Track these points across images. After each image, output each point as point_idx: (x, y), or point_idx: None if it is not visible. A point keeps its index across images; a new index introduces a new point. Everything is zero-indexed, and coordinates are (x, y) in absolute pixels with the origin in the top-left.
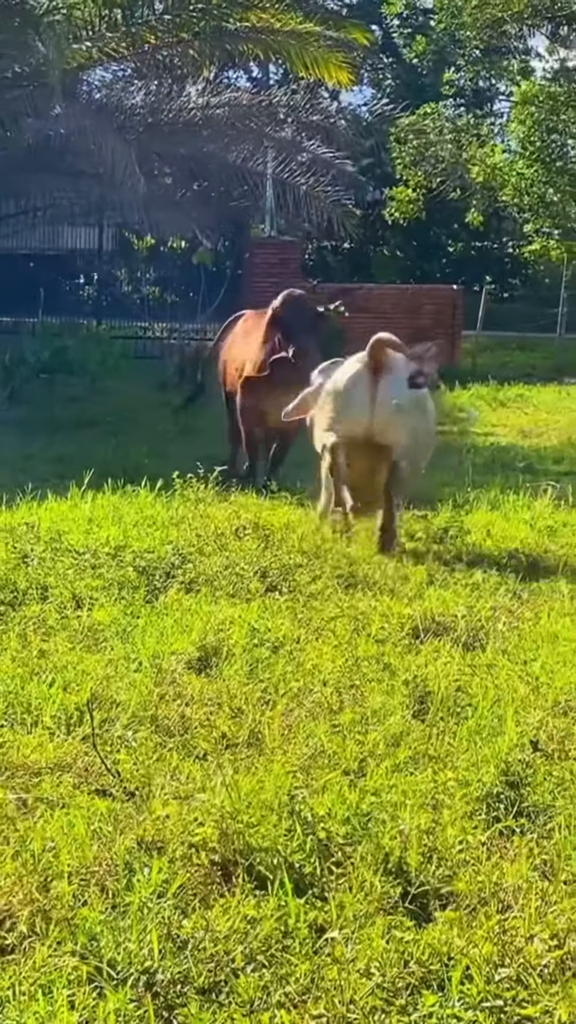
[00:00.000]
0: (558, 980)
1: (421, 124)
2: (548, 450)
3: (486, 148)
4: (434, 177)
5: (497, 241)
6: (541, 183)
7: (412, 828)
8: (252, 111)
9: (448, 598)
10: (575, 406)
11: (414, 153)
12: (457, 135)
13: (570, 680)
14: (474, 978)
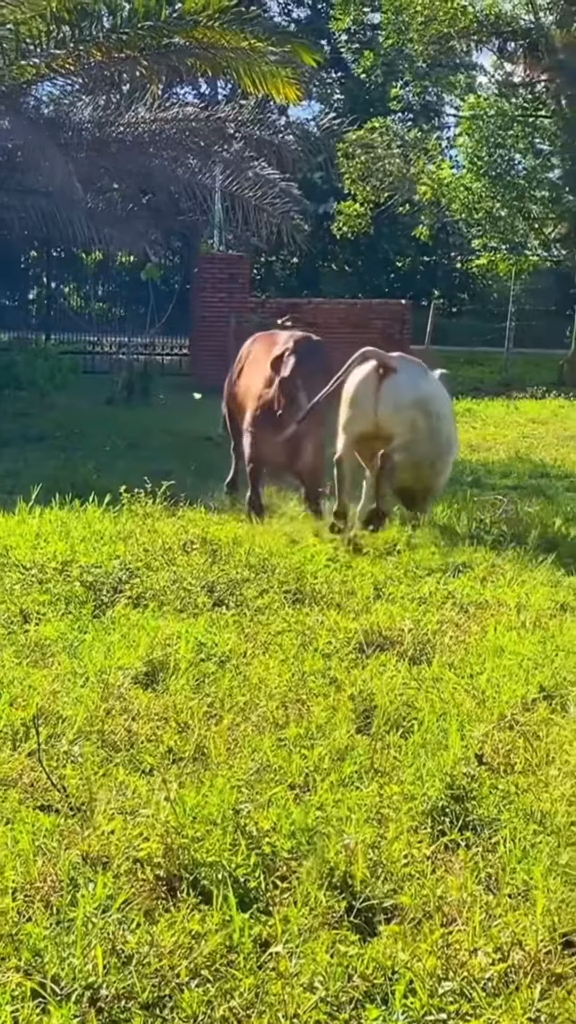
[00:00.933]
0: (501, 993)
1: (369, 139)
2: (496, 464)
3: (434, 163)
4: (382, 191)
5: (445, 255)
6: (488, 198)
7: (357, 842)
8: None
9: (395, 612)
10: (523, 420)
11: (362, 168)
12: (405, 150)
13: (516, 693)
14: (418, 992)
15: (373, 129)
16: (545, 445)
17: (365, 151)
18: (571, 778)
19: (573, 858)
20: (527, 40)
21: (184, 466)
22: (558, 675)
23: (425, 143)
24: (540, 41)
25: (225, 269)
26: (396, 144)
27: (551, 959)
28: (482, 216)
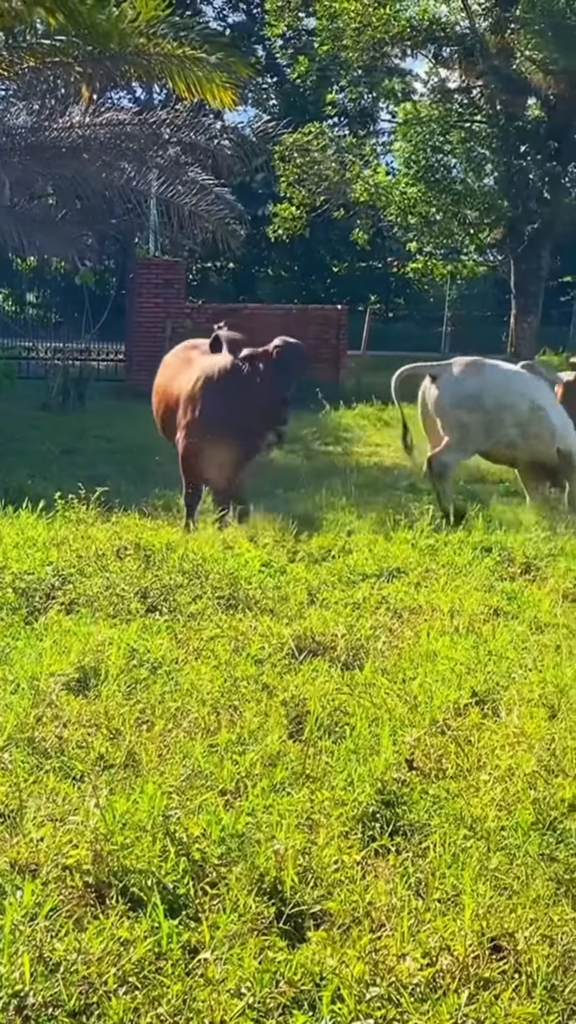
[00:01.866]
0: (429, 999)
1: (304, 143)
2: None
3: (370, 167)
4: (318, 195)
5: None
6: (424, 203)
7: (287, 848)
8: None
9: (328, 617)
10: None
11: (298, 171)
12: (340, 154)
13: (448, 698)
14: (345, 998)
15: (309, 133)
16: None
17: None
18: (502, 783)
19: (502, 863)
20: (462, 46)
21: (119, 472)
22: (490, 680)
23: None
24: (475, 47)
25: (161, 275)
26: (331, 149)
27: (479, 964)
28: (418, 221)
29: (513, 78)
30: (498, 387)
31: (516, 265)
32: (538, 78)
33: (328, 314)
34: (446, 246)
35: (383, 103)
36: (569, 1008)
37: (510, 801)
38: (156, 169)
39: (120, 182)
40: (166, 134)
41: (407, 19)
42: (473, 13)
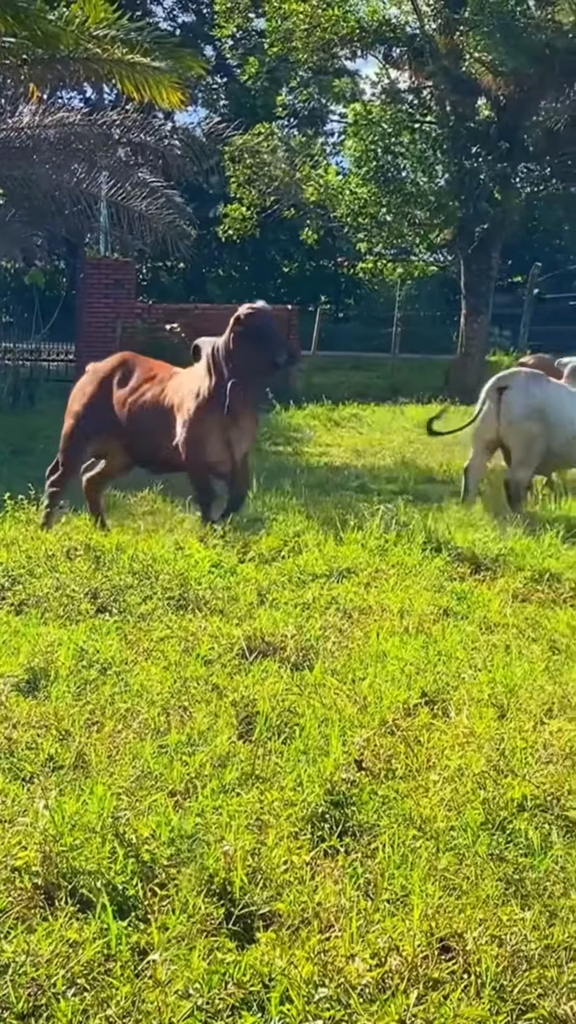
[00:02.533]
0: (378, 999)
1: (255, 143)
2: (381, 469)
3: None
4: (268, 196)
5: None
6: (374, 203)
7: (237, 849)
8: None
9: (278, 618)
10: (409, 425)
11: (248, 172)
12: (290, 155)
13: (397, 699)
14: (293, 999)
15: (259, 134)
16: (431, 451)
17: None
18: (451, 783)
19: (452, 863)
20: (411, 46)
21: None
22: (440, 680)
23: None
24: (424, 48)
25: (111, 275)
26: (281, 149)
27: (428, 964)
28: (368, 221)
29: (463, 79)
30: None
31: (466, 265)
32: (487, 79)
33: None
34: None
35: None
36: (518, 1008)
37: (459, 801)
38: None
39: (70, 183)
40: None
41: (356, 20)
42: (423, 14)
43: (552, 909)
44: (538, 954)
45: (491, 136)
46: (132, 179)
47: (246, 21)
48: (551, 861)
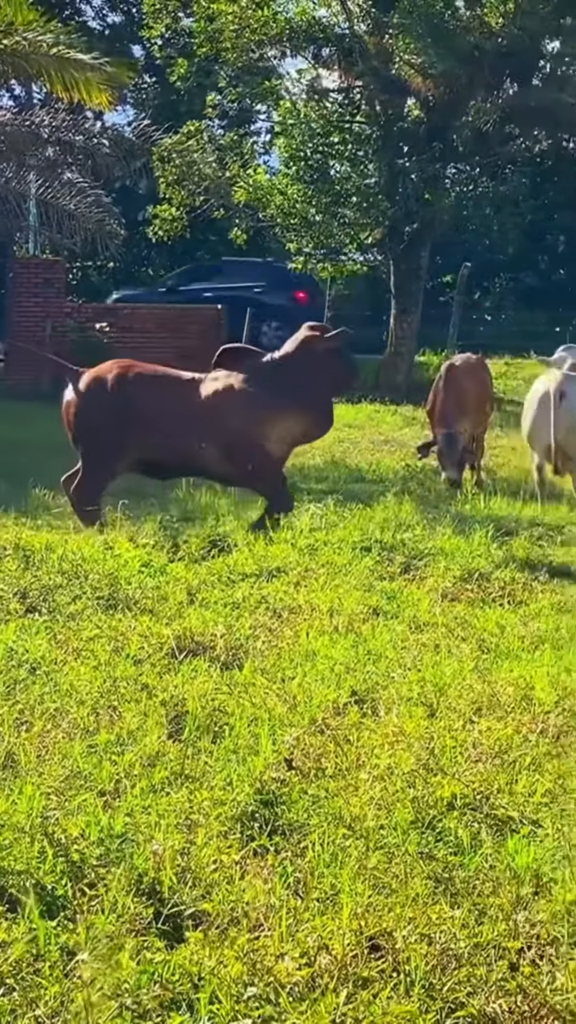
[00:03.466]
0: (307, 998)
1: (184, 143)
2: (312, 469)
3: (249, 167)
4: (197, 195)
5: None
6: (304, 203)
7: (166, 848)
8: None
9: (208, 617)
10: (338, 425)
11: (177, 172)
12: (220, 154)
13: (327, 698)
14: (223, 998)
15: (189, 134)
16: (360, 450)
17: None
18: (381, 782)
19: (381, 862)
20: (341, 47)
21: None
22: (369, 679)
23: (240, 147)
24: (354, 48)
25: (40, 274)
26: (211, 148)
27: (357, 963)
28: (297, 221)
29: (392, 80)
30: None
31: (396, 265)
32: (417, 81)
33: (207, 314)
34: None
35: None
36: (447, 1006)
37: (389, 800)
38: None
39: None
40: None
41: (286, 20)
42: (352, 15)
43: (481, 907)
44: (467, 952)
45: (421, 136)
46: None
47: (175, 21)
48: (480, 859)
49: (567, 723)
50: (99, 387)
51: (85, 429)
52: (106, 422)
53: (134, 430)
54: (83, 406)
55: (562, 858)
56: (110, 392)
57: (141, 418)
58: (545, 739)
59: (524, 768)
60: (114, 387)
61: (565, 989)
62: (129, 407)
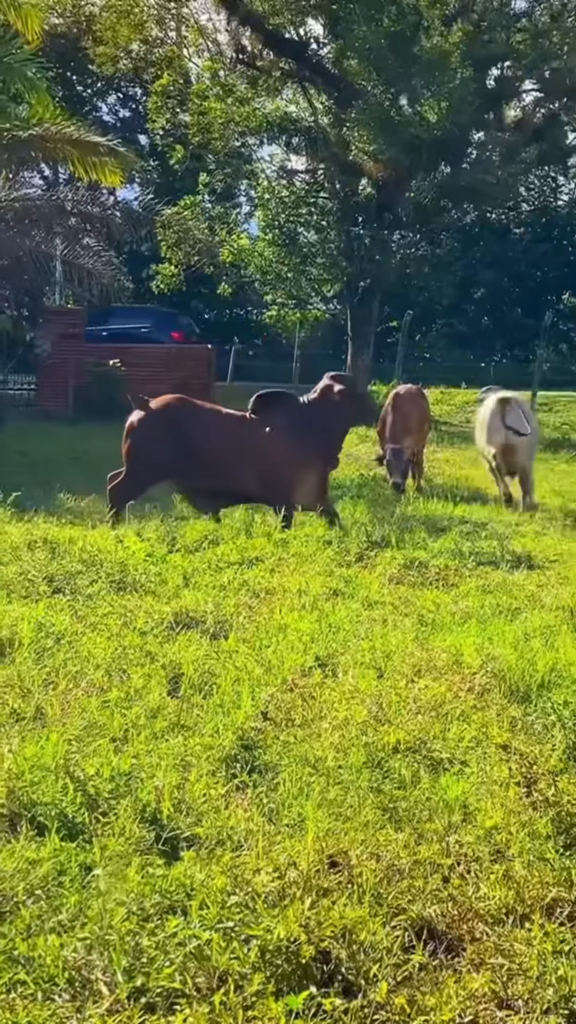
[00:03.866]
0: (279, 905)
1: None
2: None
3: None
4: (192, 256)
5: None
6: (278, 263)
7: (165, 784)
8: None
9: (200, 597)
10: None
11: (175, 237)
12: (210, 223)
13: (296, 662)
14: (210, 905)
15: (185, 206)
16: None
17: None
18: (339, 730)
19: (339, 795)
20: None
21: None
22: (330, 647)
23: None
24: (318, 137)
25: (66, 320)
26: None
27: (319, 876)
28: (273, 277)
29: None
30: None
31: (352, 313)
32: (369, 165)
33: (200, 353)
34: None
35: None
36: (392, 911)
37: (345, 745)
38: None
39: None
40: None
41: (264, 115)
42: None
43: (420, 831)
44: (408, 868)
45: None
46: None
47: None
48: (419, 793)
49: (490, 682)
50: (154, 414)
51: (135, 446)
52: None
53: (177, 454)
54: (138, 427)
55: (485, 792)
56: (161, 419)
57: (184, 444)
58: (472, 695)
59: (455, 719)
60: (165, 415)
61: (488, 897)
62: (175, 433)
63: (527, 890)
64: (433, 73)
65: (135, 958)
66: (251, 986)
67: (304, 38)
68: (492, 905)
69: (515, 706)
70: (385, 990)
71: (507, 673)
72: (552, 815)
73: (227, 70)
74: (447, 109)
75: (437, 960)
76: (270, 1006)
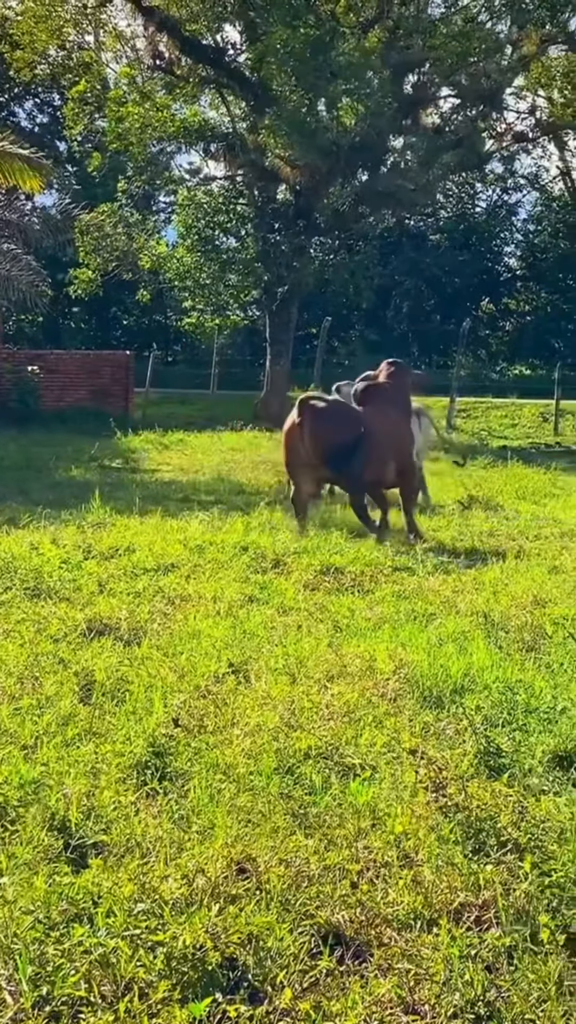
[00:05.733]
0: (186, 912)
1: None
2: (203, 484)
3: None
4: (110, 262)
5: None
6: (197, 269)
7: (74, 792)
8: None
9: (114, 604)
10: (225, 449)
11: (94, 243)
12: (128, 229)
13: (209, 669)
14: (117, 913)
15: (103, 213)
16: (242, 469)
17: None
18: (251, 737)
19: (249, 801)
20: (226, 142)
21: None
22: (244, 653)
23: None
24: (236, 143)
25: None
26: (121, 225)
27: (228, 883)
28: (192, 283)
29: (267, 169)
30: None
31: (271, 319)
32: (286, 170)
33: (118, 359)
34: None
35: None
36: (300, 917)
37: (257, 751)
38: None
39: None
40: None
41: (181, 121)
42: (234, 117)
43: (330, 837)
44: (318, 874)
45: (290, 216)
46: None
47: (91, 122)
48: (330, 798)
49: (403, 688)
50: (327, 413)
51: (319, 445)
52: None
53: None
54: (312, 427)
55: (395, 797)
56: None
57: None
58: (385, 701)
59: (367, 724)
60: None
61: (396, 902)
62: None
63: (435, 895)
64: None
65: (40, 967)
66: (156, 993)
67: (221, 44)
68: (400, 910)
69: (427, 711)
70: (290, 996)
71: (420, 679)
72: (461, 819)
73: (145, 76)
74: (365, 113)
75: (344, 966)
76: (175, 1013)
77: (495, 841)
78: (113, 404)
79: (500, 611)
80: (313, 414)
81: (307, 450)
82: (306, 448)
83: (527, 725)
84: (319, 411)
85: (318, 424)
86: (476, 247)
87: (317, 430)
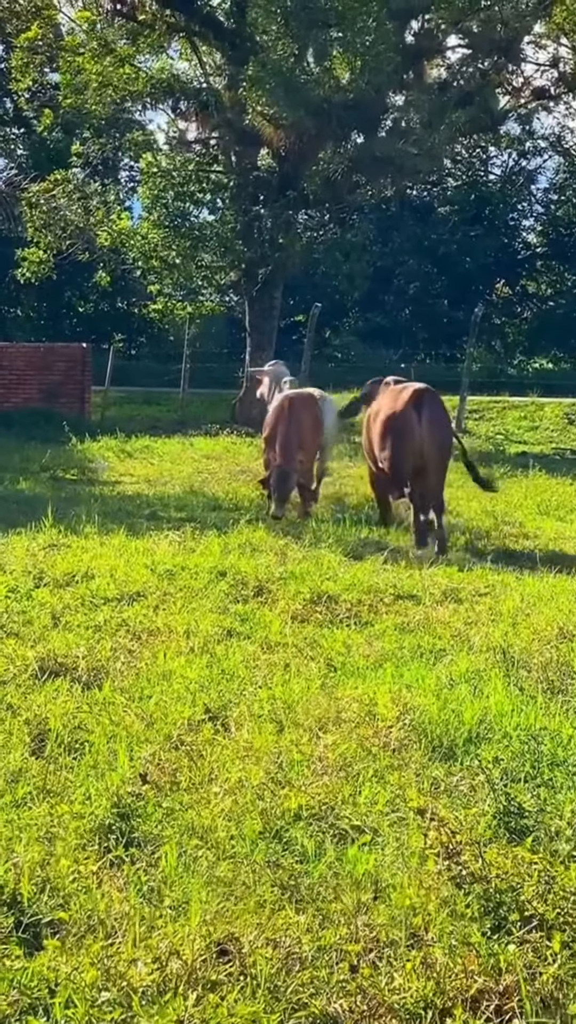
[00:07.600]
0: (158, 1001)
1: (51, 191)
2: (171, 498)
3: (113, 214)
4: (64, 240)
5: (125, 301)
6: (165, 247)
7: (26, 861)
8: None
9: (71, 639)
10: (197, 456)
11: (44, 217)
12: (85, 201)
13: (182, 715)
14: (77, 1003)
15: (55, 182)
16: (218, 479)
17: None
18: (231, 794)
19: (230, 870)
20: (198, 99)
21: None
22: (223, 697)
23: (105, 195)
24: (211, 101)
25: None
26: (77, 196)
27: (207, 967)
28: (159, 264)
29: (246, 131)
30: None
31: (251, 305)
32: (268, 131)
33: (73, 352)
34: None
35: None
36: (291, 1007)
37: (239, 812)
38: None
39: None
40: None
41: (148, 77)
42: (209, 70)
43: (325, 912)
44: (311, 955)
45: (274, 185)
46: None
47: (41, 75)
48: (324, 867)
49: (408, 736)
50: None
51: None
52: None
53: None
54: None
55: (400, 865)
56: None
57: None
58: (387, 752)
59: (367, 780)
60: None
61: (402, 989)
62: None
63: (448, 980)
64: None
65: None
66: None
67: None
68: (407, 998)
69: (437, 764)
70: None
71: (428, 726)
72: (478, 892)
73: (104, 23)
74: (361, 67)
75: None
76: None
77: (518, 916)
78: (67, 405)
79: (520, 646)
80: (432, 403)
81: (425, 441)
82: (424, 439)
83: (553, 780)
84: (436, 400)
85: (436, 415)
86: (490, 221)
87: (439, 421)
